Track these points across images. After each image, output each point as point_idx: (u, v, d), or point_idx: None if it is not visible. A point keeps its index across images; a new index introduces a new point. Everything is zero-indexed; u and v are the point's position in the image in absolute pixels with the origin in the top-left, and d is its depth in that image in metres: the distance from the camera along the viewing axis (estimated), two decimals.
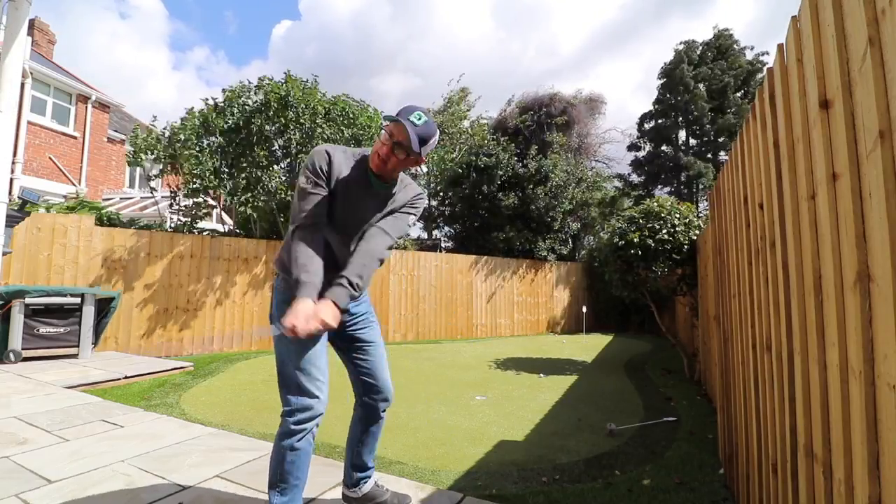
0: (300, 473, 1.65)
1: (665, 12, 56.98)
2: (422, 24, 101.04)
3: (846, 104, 0.98)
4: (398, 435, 3.35)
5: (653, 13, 58.25)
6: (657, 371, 6.23)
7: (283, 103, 7.35)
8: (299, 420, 1.62)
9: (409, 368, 6.07)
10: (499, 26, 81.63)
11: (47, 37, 14.29)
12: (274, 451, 1.66)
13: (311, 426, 1.65)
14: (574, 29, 74.42)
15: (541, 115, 13.37)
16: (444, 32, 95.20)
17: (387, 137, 1.63)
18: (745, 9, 33.93)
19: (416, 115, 1.62)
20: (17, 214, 5.07)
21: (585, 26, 74.79)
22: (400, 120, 1.59)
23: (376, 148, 1.66)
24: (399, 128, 1.60)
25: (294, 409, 1.63)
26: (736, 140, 2.24)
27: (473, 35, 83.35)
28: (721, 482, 2.59)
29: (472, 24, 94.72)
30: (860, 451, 0.94)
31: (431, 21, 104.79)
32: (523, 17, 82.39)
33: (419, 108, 1.65)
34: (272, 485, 1.64)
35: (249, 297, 7.59)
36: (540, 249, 11.89)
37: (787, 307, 1.46)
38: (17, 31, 4.58)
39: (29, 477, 2.21)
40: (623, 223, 5.97)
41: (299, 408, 1.63)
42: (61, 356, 5.35)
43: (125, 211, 11.49)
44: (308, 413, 1.63)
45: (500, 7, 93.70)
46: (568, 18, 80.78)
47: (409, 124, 1.59)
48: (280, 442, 1.64)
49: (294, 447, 1.62)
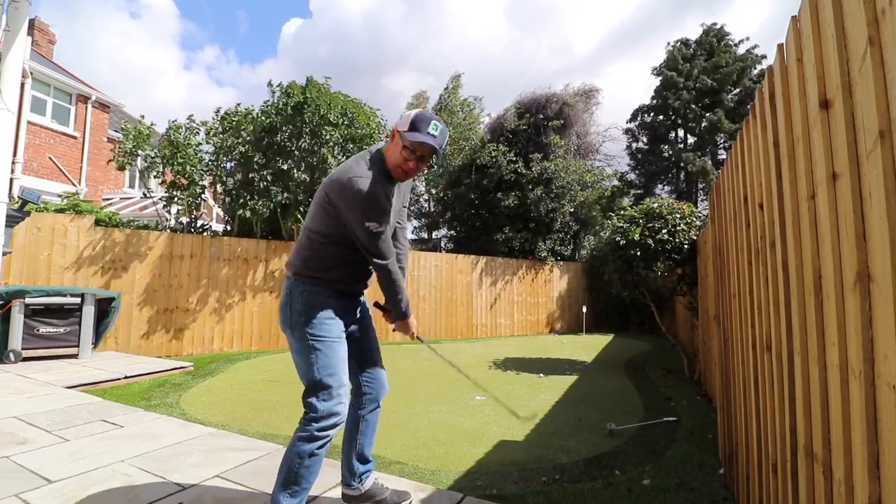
0: (313, 478, 1.69)
1: (682, 12, 56.99)
2: (435, 24, 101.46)
3: (846, 104, 0.98)
4: (398, 435, 3.35)
5: (670, 13, 58.23)
6: (657, 371, 6.22)
7: (301, 108, 7.37)
8: (324, 426, 1.66)
9: (409, 368, 6.07)
10: (512, 26, 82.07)
11: (47, 37, 14.29)
12: (290, 453, 1.67)
13: (334, 433, 1.69)
14: (588, 28, 74.76)
15: (538, 117, 13.32)
16: (457, 32, 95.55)
17: (409, 154, 1.70)
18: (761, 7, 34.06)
19: (433, 127, 1.69)
20: (17, 214, 5.08)
21: (600, 26, 75.04)
22: (426, 143, 1.67)
23: (399, 162, 1.73)
24: (423, 146, 1.69)
25: (321, 416, 1.66)
26: (736, 140, 2.24)
27: (486, 35, 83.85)
28: (721, 482, 2.59)
29: (485, 24, 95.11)
30: (860, 451, 0.94)
31: (445, 21, 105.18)
32: (537, 17, 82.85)
33: (432, 116, 1.72)
34: (285, 485, 1.65)
35: (249, 297, 7.59)
36: (540, 250, 11.89)
37: (787, 307, 1.46)
38: (17, 30, 4.58)
39: (29, 477, 2.22)
40: (624, 222, 5.97)
41: (326, 414, 1.66)
42: (61, 356, 5.35)
43: (125, 211, 11.49)
44: (334, 419, 1.68)
45: (513, 7, 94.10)
46: (582, 18, 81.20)
47: (429, 138, 1.68)
48: (301, 446, 1.65)
49: (314, 453, 1.65)
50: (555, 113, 13.42)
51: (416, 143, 1.68)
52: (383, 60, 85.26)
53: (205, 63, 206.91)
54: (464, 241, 13.18)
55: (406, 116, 1.75)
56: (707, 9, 56.75)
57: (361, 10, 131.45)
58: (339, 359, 1.73)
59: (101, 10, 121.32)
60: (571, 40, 61.04)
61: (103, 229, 6.43)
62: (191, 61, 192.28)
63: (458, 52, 71.40)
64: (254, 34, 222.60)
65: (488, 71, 50.16)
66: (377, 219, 1.67)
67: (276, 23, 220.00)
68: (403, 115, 1.80)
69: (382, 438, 3.20)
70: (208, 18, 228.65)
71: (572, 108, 13.73)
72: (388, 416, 3.76)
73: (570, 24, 72.17)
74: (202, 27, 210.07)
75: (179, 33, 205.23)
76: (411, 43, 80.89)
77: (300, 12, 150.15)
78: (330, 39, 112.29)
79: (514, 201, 11.93)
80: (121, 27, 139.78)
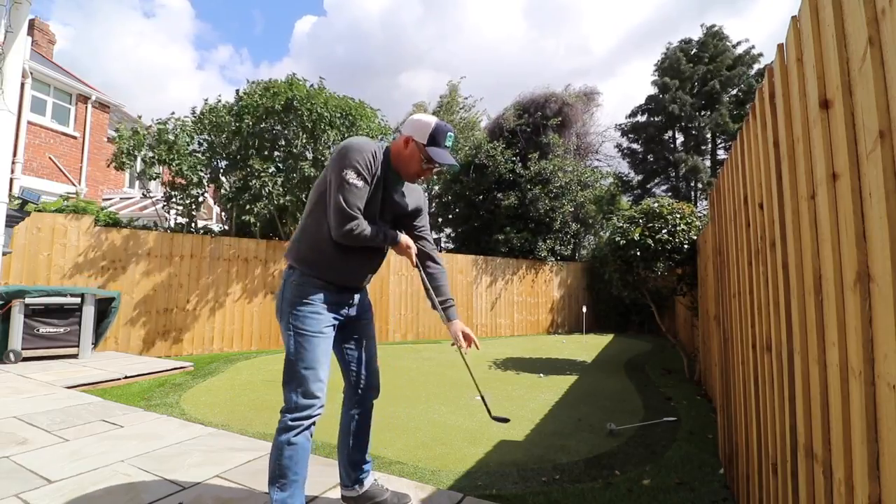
0: (299, 469, 1.68)
1: (706, 10, 56.77)
2: (453, 23, 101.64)
3: (846, 104, 0.98)
4: (398, 435, 3.35)
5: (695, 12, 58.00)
6: (657, 371, 6.22)
7: (288, 106, 7.35)
8: (297, 417, 1.67)
9: (409, 368, 6.07)
10: (531, 26, 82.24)
11: (47, 37, 14.29)
12: (273, 447, 1.69)
13: (308, 423, 1.69)
14: (608, 28, 74.81)
15: (537, 116, 13.30)
16: (474, 32, 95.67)
17: (428, 163, 1.78)
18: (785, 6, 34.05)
19: (449, 139, 1.78)
20: (17, 214, 5.07)
21: (619, 26, 75.11)
22: (449, 164, 1.77)
23: (416, 170, 1.81)
24: (444, 164, 1.78)
25: (293, 407, 1.68)
26: (736, 140, 2.24)
27: (504, 34, 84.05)
28: (721, 482, 2.59)
29: (502, 23, 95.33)
30: (860, 451, 0.94)
31: (463, 20, 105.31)
32: (555, 17, 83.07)
33: (448, 129, 1.79)
34: (272, 480, 1.67)
35: (249, 297, 7.59)
36: (540, 250, 11.88)
37: (787, 307, 1.46)
38: (17, 30, 4.58)
39: (29, 477, 2.22)
40: (624, 222, 5.97)
41: (299, 406, 1.68)
42: (61, 356, 5.35)
43: (125, 211, 11.49)
44: (306, 412, 1.68)
45: (532, 7, 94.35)
46: (602, 17, 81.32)
47: (450, 158, 1.78)
48: (278, 437, 1.68)
49: (291, 442, 1.66)
50: (555, 113, 13.41)
51: (439, 162, 1.75)
52: (399, 60, 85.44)
53: (218, 62, 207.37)
54: (464, 240, 13.17)
55: (420, 124, 1.77)
56: (731, 7, 56.36)
57: (378, 9, 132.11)
58: (318, 353, 1.70)
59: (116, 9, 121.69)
60: (589, 40, 61.16)
61: (103, 229, 6.43)
62: (204, 60, 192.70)
63: (475, 51, 71.58)
64: (267, 33, 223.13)
65: (505, 70, 50.31)
66: (355, 167, 1.68)
67: (288, 21, 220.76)
68: (413, 119, 1.81)
69: (382, 438, 3.21)
70: (223, 18, 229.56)
71: (572, 108, 13.72)
72: (388, 416, 3.77)
73: (589, 23, 72.46)
74: (217, 27, 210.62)
75: (194, 33, 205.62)
76: (428, 42, 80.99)
77: (313, 10, 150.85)
78: (347, 39, 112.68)
79: (514, 201, 11.92)
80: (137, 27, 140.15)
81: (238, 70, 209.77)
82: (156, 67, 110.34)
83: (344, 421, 1.97)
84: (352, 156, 1.68)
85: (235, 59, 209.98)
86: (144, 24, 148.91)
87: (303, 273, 1.76)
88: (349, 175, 1.66)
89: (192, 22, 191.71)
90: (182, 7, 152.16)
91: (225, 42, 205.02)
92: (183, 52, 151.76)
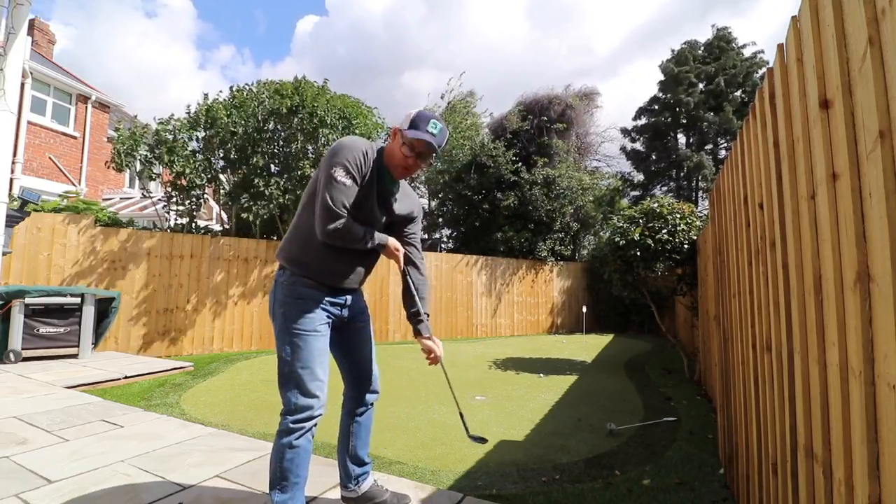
0: (300, 471, 1.66)
1: (710, 10, 56.74)
2: (456, 23, 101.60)
3: (846, 104, 0.98)
4: (398, 435, 3.35)
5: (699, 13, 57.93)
6: (657, 371, 6.22)
7: (294, 109, 7.35)
8: (298, 419, 1.65)
9: (409, 368, 6.07)
10: (533, 26, 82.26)
11: (47, 37, 14.30)
12: (274, 450, 1.68)
13: (310, 425, 1.67)
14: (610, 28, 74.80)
15: (541, 118, 13.29)
16: (477, 32, 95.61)
17: (409, 150, 1.72)
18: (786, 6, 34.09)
19: (432, 125, 1.71)
20: (17, 214, 5.07)
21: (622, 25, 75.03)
22: (424, 139, 1.69)
23: (400, 161, 1.75)
24: (421, 142, 1.70)
25: (293, 409, 1.66)
26: (736, 140, 2.24)
27: (506, 34, 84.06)
28: (721, 482, 2.59)
29: (505, 23, 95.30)
30: (860, 451, 0.94)
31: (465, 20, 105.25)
32: (558, 17, 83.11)
33: (432, 116, 1.74)
34: (273, 483, 1.66)
35: (249, 297, 7.59)
36: (540, 250, 11.89)
37: (787, 307, 1.46)
38: (17, 31, 4.58)
39: (29, 477, 2.22)
40: (624, 222, 5.97)
41: (299, 407, 1.66)
42: (61, 356, 5.35)
43: (125, 211, 11.50)
44: (307, 413, 1.66)
45: (535, 7, 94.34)
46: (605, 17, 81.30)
47: (428, 136, 1.69)
48: (279, 440, 1.66)
49: (293, 445, 1.64)
50: (558, 115, 13.40)
51: (415, 140, 1.69)
52: (402, 60, 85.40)
53: (220, 62, 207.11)
54: (464, 240, 13.17)
55: (407, 116, 1.77)
56: (734, 8, 56.20)
57: (381, 9, 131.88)
58: (314, 351, 1.69)
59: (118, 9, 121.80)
60: (592, 40, 61.24)
61: (103, 229, 6.43)
62: (206, 60, 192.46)
63: (478, 51, 71.44)
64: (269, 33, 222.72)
65: (506, 71, 50.30)
66: (344, 165, 1.65)
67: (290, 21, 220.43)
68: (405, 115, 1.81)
69: (382, 438, 3.21)
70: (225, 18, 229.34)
71: (574, 111, 13.73)
72: (388, 416, 3.77)
73: (592, 23, 72.39)
74: (219, 27, 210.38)
75: (196, 33, 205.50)
76: (431, 42, 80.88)
77: (315, 9, 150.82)
78: (349, 39, 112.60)
79: (515, 201, 11.92)
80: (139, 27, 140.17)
81: (240, 70, 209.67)
82: (157, 67, 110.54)
83: (344, 422, 1.97)
84: (342, 154, 1.67)
85: (237, 59, 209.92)
86: (146, 24, 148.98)
87: (293, 273, 1.75)
88: (338, 173, 1.65)
89: (194, 22, 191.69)
90: (184, 7, 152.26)
91: (227, 42, 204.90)
92: (185, 52, 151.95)
